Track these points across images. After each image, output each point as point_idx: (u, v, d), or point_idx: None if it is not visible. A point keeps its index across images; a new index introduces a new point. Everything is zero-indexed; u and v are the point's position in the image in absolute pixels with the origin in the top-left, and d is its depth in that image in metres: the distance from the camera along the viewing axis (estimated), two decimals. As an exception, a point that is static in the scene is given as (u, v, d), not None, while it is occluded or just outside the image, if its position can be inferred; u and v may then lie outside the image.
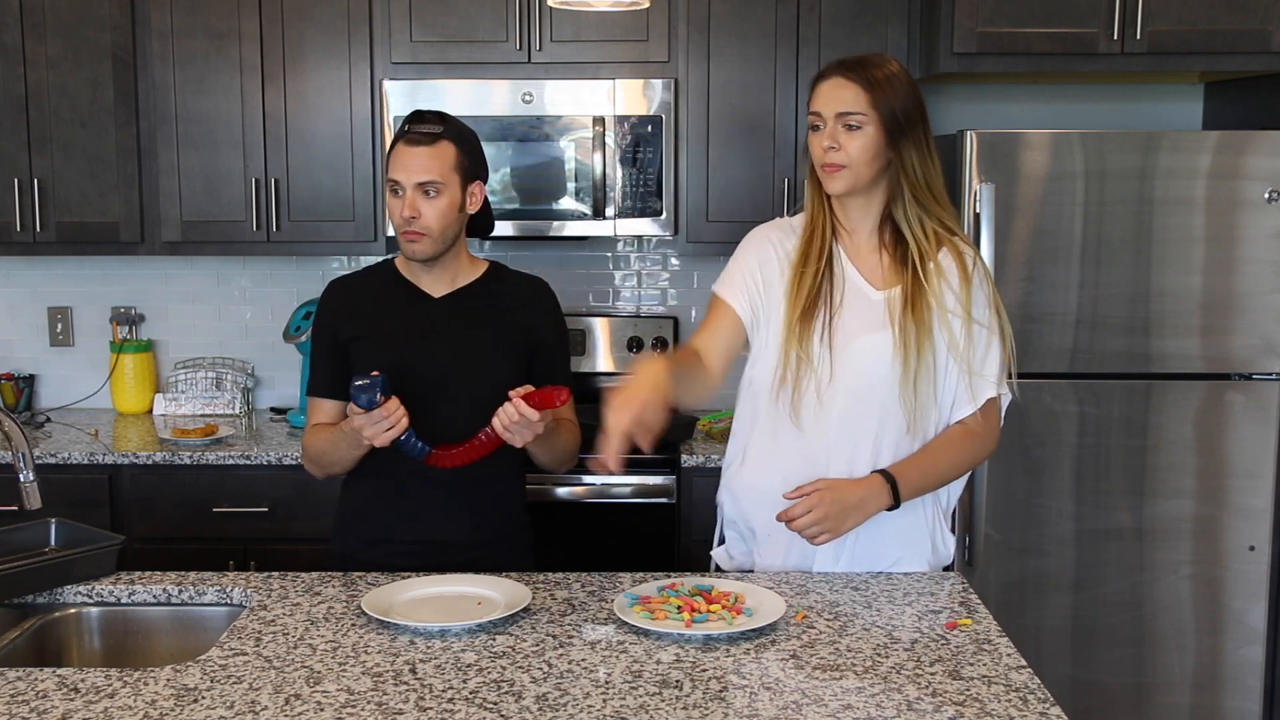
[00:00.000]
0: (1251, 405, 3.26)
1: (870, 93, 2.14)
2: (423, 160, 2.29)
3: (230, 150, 3.56)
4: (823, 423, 2.21)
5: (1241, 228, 3.21)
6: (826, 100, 2.18)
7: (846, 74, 2.17)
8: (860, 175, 2.17)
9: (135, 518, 3.36)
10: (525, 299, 2.46)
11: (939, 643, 1.94)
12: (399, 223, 2.32)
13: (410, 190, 2.30)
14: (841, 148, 2.15)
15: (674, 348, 2.56)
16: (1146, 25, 3.30)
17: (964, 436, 2.23)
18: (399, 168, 2.31)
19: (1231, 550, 3.30)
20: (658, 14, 3.47)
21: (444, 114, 2.36)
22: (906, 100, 2.16)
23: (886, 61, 2.20)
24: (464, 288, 2.42)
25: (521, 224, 3.52)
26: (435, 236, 2.32)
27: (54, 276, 3.98)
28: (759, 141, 3.54)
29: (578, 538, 3.34)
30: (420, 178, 2.29)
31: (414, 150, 2.30)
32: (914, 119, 2.17)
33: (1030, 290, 3.21)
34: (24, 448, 2.14)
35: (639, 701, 1.71)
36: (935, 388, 2.20)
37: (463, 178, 2.34)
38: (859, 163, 2.16)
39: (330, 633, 1.97)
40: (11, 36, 3.53)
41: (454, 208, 2.33)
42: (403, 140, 2.32)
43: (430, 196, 2.30)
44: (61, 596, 2.18)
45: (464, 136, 2.36)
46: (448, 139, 2.32)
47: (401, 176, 2.30)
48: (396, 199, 2.32)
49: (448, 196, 2.31)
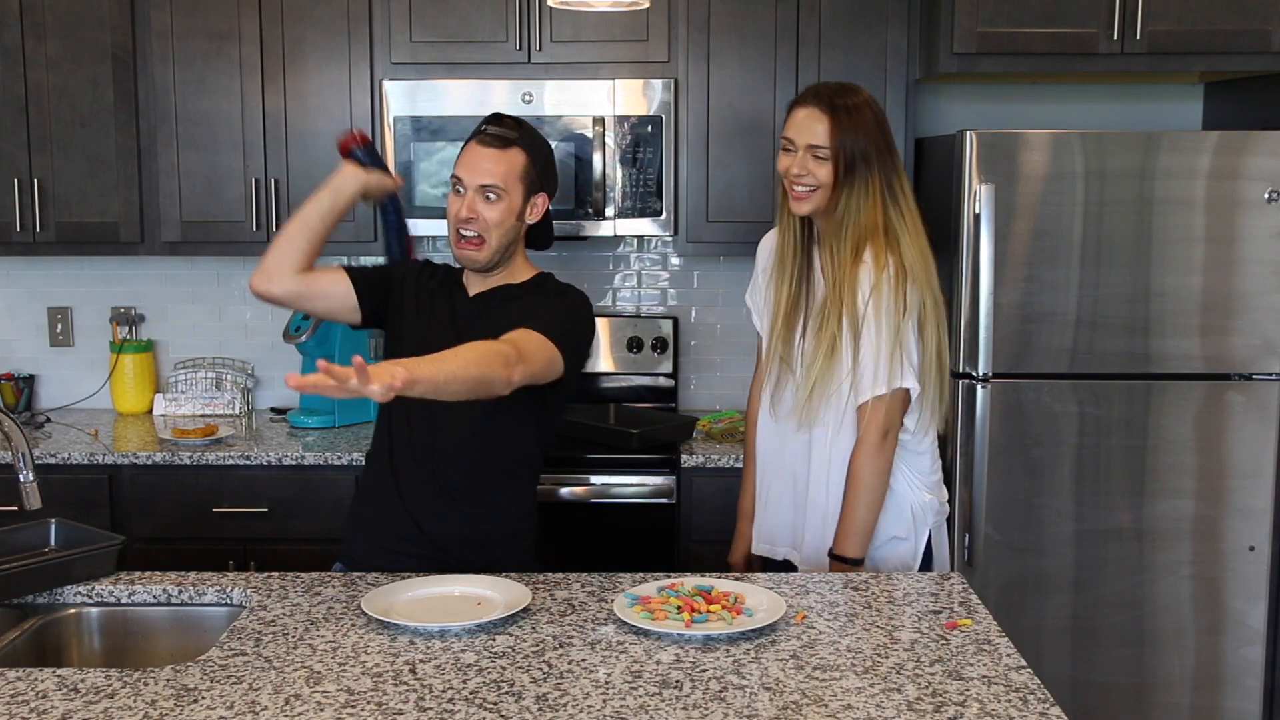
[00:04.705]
0: (1251, 405, 3.26)
1: (836, 130, 2.39)
2: (489, 163, 2.29)
3: (230, 150, 3.56)
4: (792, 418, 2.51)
5: (1241, 228, 3.21)
6: (799, 130, 2.43)
7: (820, 106, 2.41)
8: (825, 195, 2.42)
9: (135, 518, 3.36)
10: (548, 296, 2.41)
11: (939, 643, 1.94)
12: (454, 221, 2.31)
13: (471, 191, 2.29)
14: (810, 173, 2.41)
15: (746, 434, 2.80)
16: (1146, 25, 3.30)
17: (852, 470, 2.44)
18: (465, 165, 2.31)
19: (1231, 550, 3.30)
20: (658, 14, 3.47)
21: (522, 121, 2.36)
22: (866, 139, 2.40)
23: (856, 93, 2.44)
24: (497, 288, 2.40)
25: (521, 224, 3.52)
26: (491, 244, 2.31)
27: (54, 276, 3.98)
28: (759, 141, 3.54)
29: (578, 538, 3.34)
30: (484, 180, 2.29)
31: (483, 151, 2.30)
32: (869, 157, 2.40)
33: (1030, 290, 3.21)
34: (24, 448, 2.14)
35: (639, 702, 1.71)
36: (821, 397, 2.44)
37: (527, 187, 2.33)
38: (824, 186, 2.41)
39: (330, 633, 1.97)
40: (11, 36, 3.53)
41: (512, 214, 2.31)
42: (475, 140, 2.32)
43: (490, 200, 2.29)
44: (61, 597, 2.19)
45: (537, 146, 2.35)
46: (520, 146, 2.31)
47: (465, 175, 2.30)
48: (457, 197, 2.32)
49: (507, 203, 2.30)
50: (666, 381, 3.88)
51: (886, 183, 2.42)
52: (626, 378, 3.87)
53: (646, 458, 3.38)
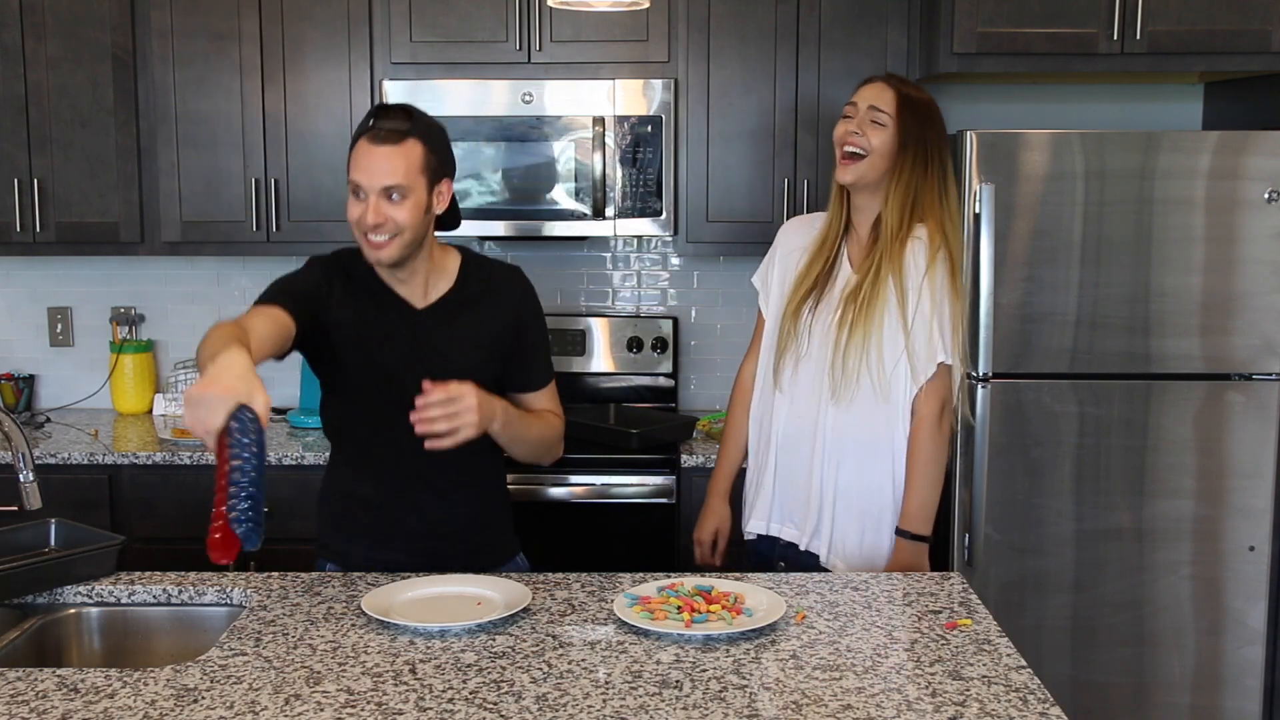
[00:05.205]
0: (1251, 405, 3.26)
1: (901, 102, 2.46)
2: (387, 162, 2.13)
3: (230, 150, 3.56)
4: (797, 388, 2.53)
5: (1241, 228, 3.21)
6: (866, 95, 2.50)
7: (889, 82, 2.50)
8: (874, 168, 2.46)
9: (135, 518, 3.36)
10: (504, 295, 2.36)
11: (939, 643, 1.94)
12: (360, 228, 2.16)
13: (374, 195, 2.14)
14: (864, 134, 2.45)
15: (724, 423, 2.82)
16: (1146, 25, 3.30)
17: (916, 440, 2.45)
18: (361, 169, 2.14)
19: (1231, 550, 3.30)
20: (658, 14, 3.47)
21: (410, 108, 2.19)
22: (927, 125, 2.47)
23: (924, 92, 2.52)
24: (444, 297, 2.31)
25: (520, 224, 3.52)
26: (405, 240, 2.17)
27: (54, 276, 3.98)
28: (759, 141, 3.54)
29: (578, 538, 3.34)
30: (385, 181, 2.13)
31: (378, 150, 2.13)
32: (927, 141, 2.46)
33: (1030, 290, 3.21)
34: (24, 448, 2.14)
35: (639, 702, 1.71)
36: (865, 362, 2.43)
37: (430, 178, 2.18)
38: (877, 154, 2.45)
39: (330, 633, 1.97)
40: (11, 36, 3.53)
41: (420, 210, 2.17)
42: (365, 137, 2.15)
43: (395, 201, 2.14)
44: (61, 596, 2.18)
45: (431, 132, 2.20)
46: (415, 136, 2.15)
47: (363, 179, 2.14)
48: (358, 202, 2.16)
49: (414, 199, 2.15)
50: (666, 381, 3.88)
51: (943, 176, 2.49)
52: (626, 378, 3.87)
53: (646, 458, 3.38)
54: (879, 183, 2.48)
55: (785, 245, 2.66)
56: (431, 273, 2.31)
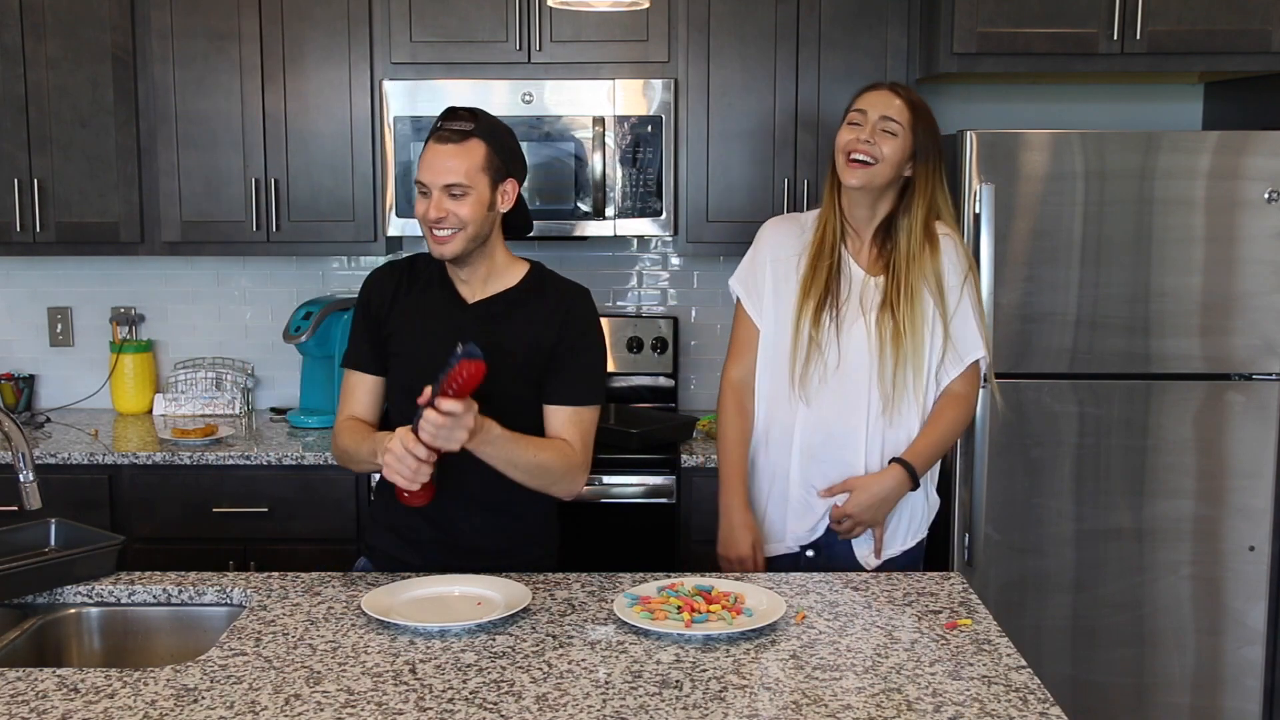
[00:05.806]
0: (1251, 405, 3.26)
1: (912, 111, 2.47)
2: (449, 161, 2.23)
3: (230, 150, 3.56)
4: (827, 399, 2.50)
5: (1241, 228, 3.21)
6: (874, 103, 2.48)
7: (895, 91, 2.50)
8: (882, 175, 2.46)
9: (135, 518, 3.36)
10: (554, 306, 2.35)
11: (939, 643, 1.94)
12: (425, 222, 2.27)
13: (436, 192, 2.24)
14: (876, 144, 2.44)
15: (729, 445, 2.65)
16: (1146, 25, 3.30)
17: (954, 405, 2.54)
18: (425, 168, 2.25)
19: (1231, 550, 3.30)
20: (658, 14, 3.47)
21: (476, 111, 2.30)
22: (932, 133, 2.50)
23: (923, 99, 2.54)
24: (498, 295, 2.35)
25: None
26: (468, 234, 2.25)
27: (54, 276, 3.98)
28: (759, 141, 3.54)
29: (578, 537, 3.33)
30: (446, 180, 2.23)
31: (441, 149, 2.24)
32: (934, 149, 2.50)
33: (1030, 290, 3.21)
34: (24, 448, 2.14)
35: (639, 702, 1.71)
36: (914, 372, 2.48)
37: (493, 176, 2.27)
38: (887, 163, 2.45)
39: (330, 633, 1.97)
40: (11, 36, 3.53)
41: (482, 206, 2.26)
42: (432, 138, 2.27)
43: (457, 198, 2.24)
44: (61, 596, 2.19)
45: (496, 133, 2.29)
46: (478, 137, 2.25)
47: (427, 177, 2.24)
48: (423, 199, 2.26)
49: (475, 196, 2.24)
50: (666, 381, 3.87)
51: (944, 182, 2.54)
52: (626, 378, 3.87)
53: (646, 458, 3.38)
54: (883, 188, 2.49)
55: (774, 249, 2.58)
56: (493, 273, 2.37)
